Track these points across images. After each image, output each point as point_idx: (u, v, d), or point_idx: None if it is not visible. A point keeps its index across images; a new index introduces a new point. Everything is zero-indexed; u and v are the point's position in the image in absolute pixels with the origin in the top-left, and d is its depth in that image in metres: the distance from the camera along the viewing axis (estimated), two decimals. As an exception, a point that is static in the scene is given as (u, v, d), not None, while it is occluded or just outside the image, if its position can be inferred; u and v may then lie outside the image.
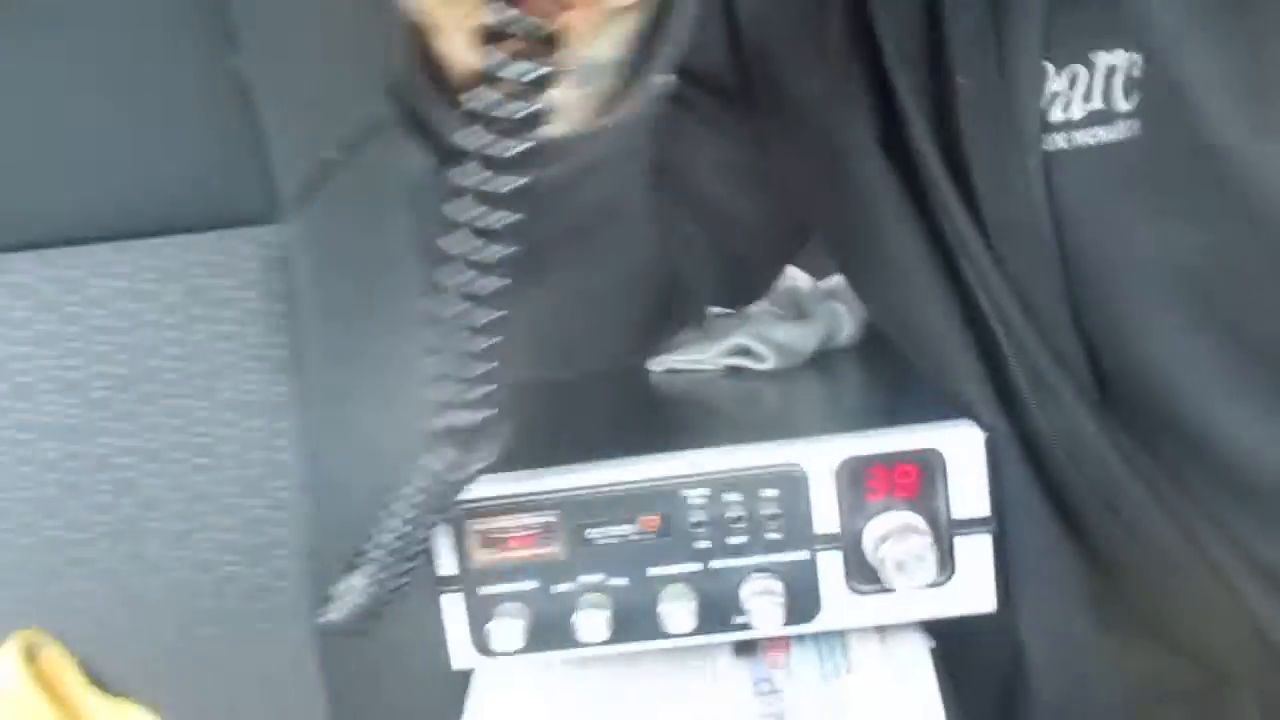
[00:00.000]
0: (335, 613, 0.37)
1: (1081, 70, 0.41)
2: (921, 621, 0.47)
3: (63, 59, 0.66)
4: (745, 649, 0.47)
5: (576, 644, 0.43)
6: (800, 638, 0.47)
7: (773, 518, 0.42)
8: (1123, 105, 0.40)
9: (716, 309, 0.65)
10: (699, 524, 0.42)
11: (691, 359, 0.60)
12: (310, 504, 0.66)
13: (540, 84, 0.30)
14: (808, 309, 0.62)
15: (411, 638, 0.59)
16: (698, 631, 0.43)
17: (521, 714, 0.46)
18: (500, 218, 0.31)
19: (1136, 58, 0.40)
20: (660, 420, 0.54)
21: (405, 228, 0.64)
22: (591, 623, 0.42)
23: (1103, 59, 0.41)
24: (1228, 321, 0.41)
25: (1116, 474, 0.43)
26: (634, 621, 0.43)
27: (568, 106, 0.36)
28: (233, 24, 0.63)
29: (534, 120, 0.31)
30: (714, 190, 0.53)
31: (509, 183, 0.31)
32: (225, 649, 0.68)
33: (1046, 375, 0.43)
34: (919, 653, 0.46)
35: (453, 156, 0.32)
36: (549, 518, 0.43)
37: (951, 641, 0.47)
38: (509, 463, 0.44)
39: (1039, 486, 0.45)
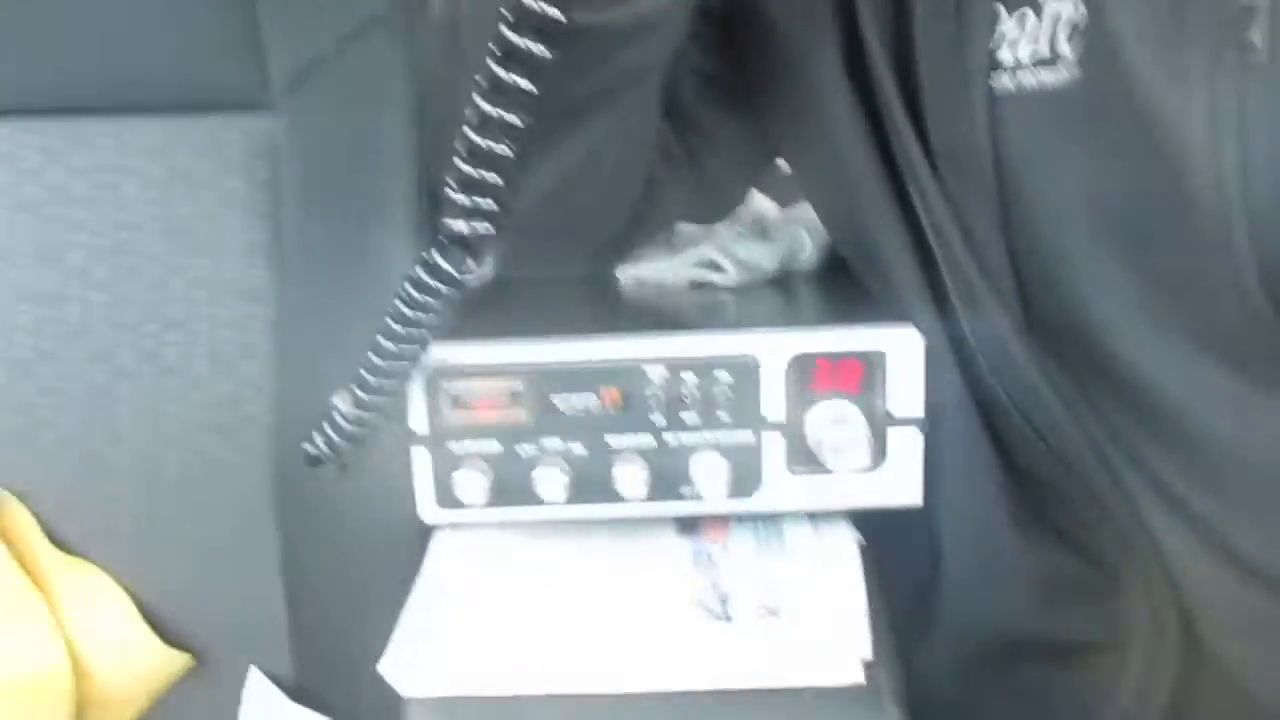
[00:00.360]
0: (318, 438, 0.40)
1: (1030, 14, 0.45)
2: (851, 520, 0.51)
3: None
4: (688, 528, 0.51)
5: (535, 502, 0.46)
6: (739, 521, 0.51)
7: (724, 399, 0.46)
8: (1066, 51, 0.44)
9: (684, 226, 0.69)
10: (656, 399, 0.46)
11: (657, 269, 0.63)
12: (279, 383, 0.69)
13: None
14: (771, 231, 0.65)
15: (372, 503, 0.62)
16: (648, 498, 0.46)
17: (477, 574, 0.50)
18: (550, 50, 0.33)
19: (1082, 8, 0.43)
20: (627, 311, 0.58)
21: (393, 124, 0.66)
22: (550, 484, 0.46)
23: (1051, 5, 0.44)
24: (1145, 257, 0.44)
25: (1037, 391, 0.47)
26: (590, 486, 0.47)
27: None
28: (237, -92, 0.64)
29: None
30: (692, 101, 0.56)
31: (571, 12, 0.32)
32: (187, 521, 0.70)
33: (978, 294, 0.47)
34: (847, 543, 0.50)
35: None
36: (517, 385, 0.46)
37: (877, 543, 0.51)
38: (484, 332, 0.47)
39: (968, 394, 0.49)
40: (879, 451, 0.46)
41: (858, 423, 0.45)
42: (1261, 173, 0.39)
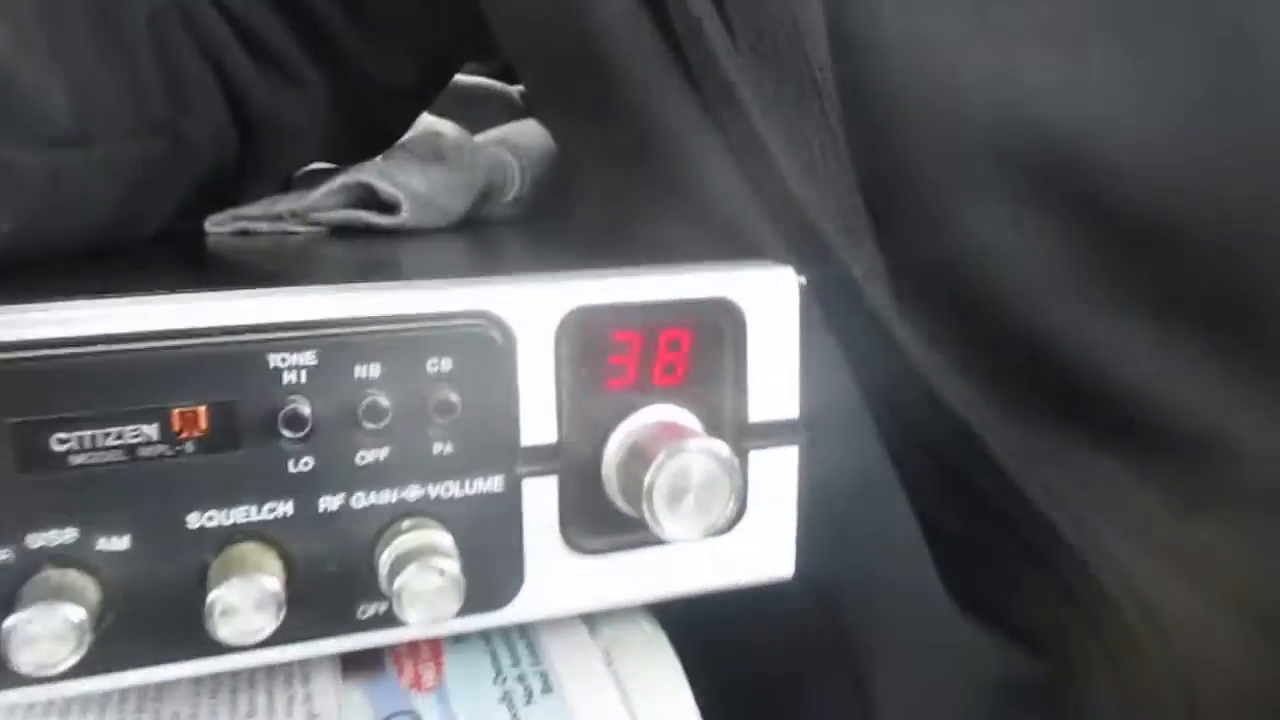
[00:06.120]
0: None
1: None
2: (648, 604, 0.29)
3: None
4: (356, 666, 0.27)
5: (16, 681, 0.20)
6: (458, 643, 0.28)
7: (442, 414, 0.22)
8: None
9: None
10: (294, 423, 0.21)
11: (274, 211, 0.38)
12: None
13: None
14: (453, 159, 0.42)
15: None
16: (285, 636, 0.22)
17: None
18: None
19: None
20: (227, 269, 0.32)
21: None
22: (52, 633, 0.20)
23: None
24: (1075, 186, 0.29)
25: (930, 390, 0.30)
26: (150, 622, 0.21)
27: None
28: None
29: None
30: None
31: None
32: None
33: (824, 238, 0.29)
34: (665, 657, 0.28)
35: None
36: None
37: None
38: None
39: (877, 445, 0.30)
40: (731, 491, 0.25)
41: (695, 441, 0.23)
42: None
